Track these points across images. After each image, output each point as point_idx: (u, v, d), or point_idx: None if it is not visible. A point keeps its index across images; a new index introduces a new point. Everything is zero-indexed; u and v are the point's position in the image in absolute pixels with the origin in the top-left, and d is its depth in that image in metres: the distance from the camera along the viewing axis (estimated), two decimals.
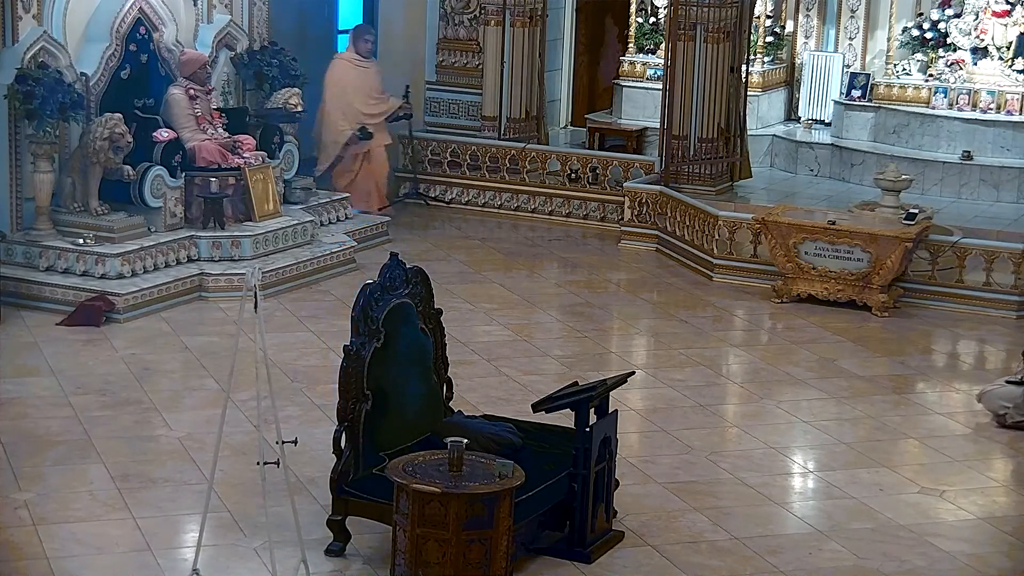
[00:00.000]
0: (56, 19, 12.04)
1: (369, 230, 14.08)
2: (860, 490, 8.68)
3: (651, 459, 8.99)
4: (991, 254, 12.50)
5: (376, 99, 14.82)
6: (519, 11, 15.71)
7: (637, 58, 17.30)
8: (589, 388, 7.69)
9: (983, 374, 11.08)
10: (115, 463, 8.57)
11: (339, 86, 14.58)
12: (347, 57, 14.80)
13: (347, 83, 14.61)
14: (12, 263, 11.71)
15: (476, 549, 6.83)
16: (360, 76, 14.68)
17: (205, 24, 13.42)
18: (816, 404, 10.20)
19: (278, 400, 8.45)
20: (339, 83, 14.60)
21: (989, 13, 16.41)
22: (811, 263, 12.49)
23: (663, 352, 11.27)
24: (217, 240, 12.29)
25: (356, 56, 14.72)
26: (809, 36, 17.45)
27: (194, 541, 7.19)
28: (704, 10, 14.44)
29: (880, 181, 13.39)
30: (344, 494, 7.41)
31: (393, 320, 7.63)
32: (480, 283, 12.93)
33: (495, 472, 6.98)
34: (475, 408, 9.21)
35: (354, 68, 14.69)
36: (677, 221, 13.91)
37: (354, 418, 7.44)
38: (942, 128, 16.05)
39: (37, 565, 7.29)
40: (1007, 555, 7.97)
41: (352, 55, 14.75)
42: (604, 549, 7.65)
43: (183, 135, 12.49)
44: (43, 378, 10.04)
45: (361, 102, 14.67)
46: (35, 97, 11.52)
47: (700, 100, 14.62)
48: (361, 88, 14.68)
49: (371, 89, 14.78)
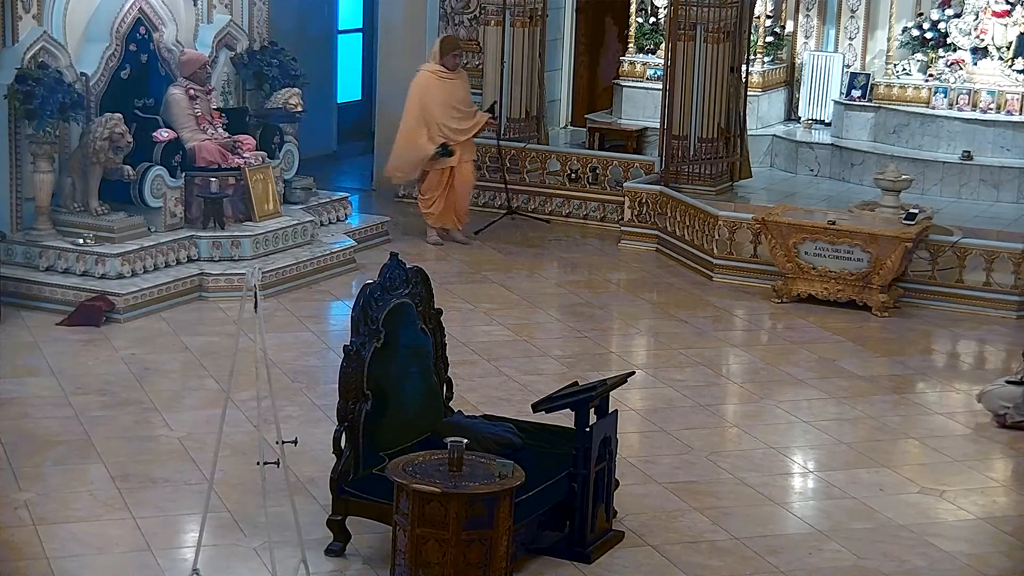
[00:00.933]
0: (56, 19, 12.04)
1: (369, 230, 14.09)
2: (860, 490, 8.68)
3: (651, 459, 8.99)
4: (991, 254, 12.50)
5: (463, 113, 14.00)
6: (519, 11, 15.71)
7: (637, 58, 17.31)
8: (589, 388, 7.69)
9: (983, 374, 11.08)
10: (115, 463, 8.57)
11: (422, 100, 13.81)
12: (431, 69, 13.91)
13: (431, 97, 13.80)
14: (12, 263, 11.71)
15: (476, 549, 6.83)
16: (445, 89, 13.86)
17: (205, 24, 13.42)
18: (816, 404, 10.20)
19: (278, 400, 8.46)
20: (422, 97, 13.82)
21: (989, 13, 16.42)
22: (811, 263, 12.49)
23: (663, 352, 11.27)
24: (217, 240, 12.29)
25: (441, 68, 13.85)
26: (809, 36, 17.45)
27: (194, 541, 7.19)
28: (704, 10, 14.44)
29: (880, 181, 13.39)
30: (344, 494, 7.41)
31: (393, 320, 7.63)
32: (480, 283, 12.93)
33: (495, 472, 6.98)
34: (475, 408, 9.21)
35: (439, 81, 13.85)
36: (677, 221, 13.91)
37: (354, 418, 7.44)
38: (942, 128, 16.05)
39: (37, 565, 7.29)
40: (1007, 555, 7.97)
41: (437, 67, 13.88)
42: (604, 549, 7.65)
43: (183, 135, 12.49)
44: (43, 378, 10.04)
45: (447, 116, 13.84)
46: (35, 97, 11.53)
47: (700, 100, 14.62)
48: (447, 102, 13.85)
49: (459, 103, 13.97)
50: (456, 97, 13.94)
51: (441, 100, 13.83)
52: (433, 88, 13.84)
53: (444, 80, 13.86)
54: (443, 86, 13.85)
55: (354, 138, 18.53)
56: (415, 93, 13.87)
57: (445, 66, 13.85)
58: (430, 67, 13.96)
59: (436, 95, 13.82)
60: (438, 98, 13.81)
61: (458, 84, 14.00)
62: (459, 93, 13.99)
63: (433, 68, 13.92)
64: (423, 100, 13.79)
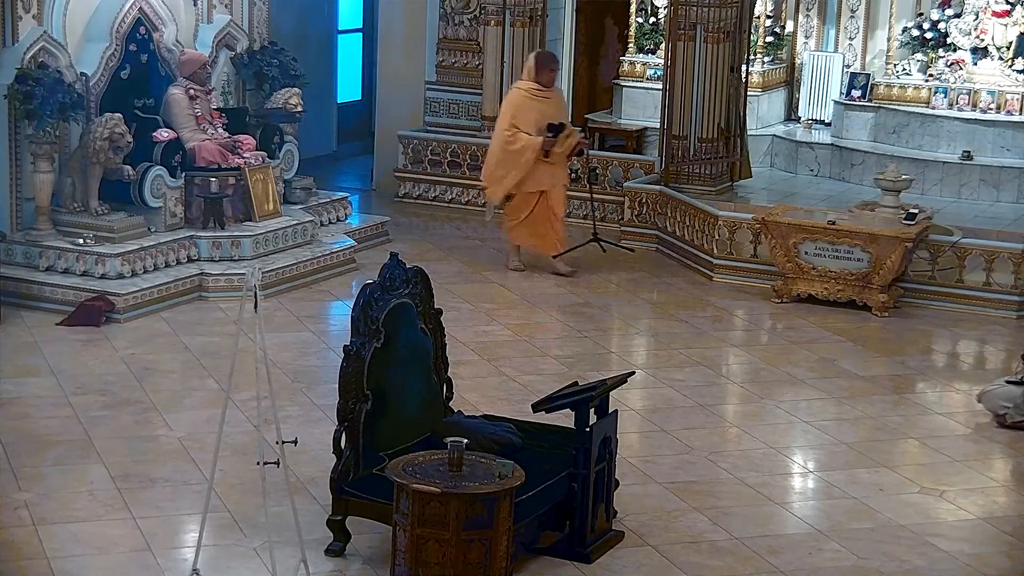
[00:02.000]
0: (56, 19, 12.04)
1: (369, 230, 14.09)
2: (860, 490, 8.68)
3: (651, 459, 8.99)
4: (991, 254, 12.50)
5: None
6: (519, 11, 15.71)
7: (637, 58, 17.30)
8: (589, 388, 7.70)
9: (983, 374, 11.08)
10: (115, 463, 8.57)
11: (514, 120, 12.90)
12: (525, 87, 13.01)
13: (524, 116, 12.89)
14: (12, 263, 11.71)
15: (476, 549, 6.83)
16: (539, 108, 12.92)
17: (205, 24, 13.42)
18: (816, 404, 10.20)
19: (278, 400, 8.46)
20: (514, 116, 12.91)
21: (989, 13, 16.41)
22: (811, 263, 12.49)
23: (663, 352, 11.27)
24: (217, 240, 12.29)
25: (536, 86, 12.95)
26: (809, 36, 17.45)
27: (194, 541, 7.19)
28: (704, 10, 14.43)
29: (880, 181, 13.39)
30: (344, 494, 7.41)
31: (393, 320, 7.63)
32: (480, 283, 12.93)
33: (495, 472, 6.98)
34: (475, 408, 9.20)
35: (532, 99, 12.94)
36: (677, 221, 13.91)
37: (354, 418, 7.44)
38: (942, 128, 16.05)
39: (37, 565, 7.29)
40: (1007, 555, 7.97)
41: (532, 84, 12.96)
42: (604, 549, 7.65)
43: (183, 135, 12.49)
44: (43, 378, 10.04)
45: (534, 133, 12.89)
46: (35, 97, 11.53)
47: (700, 100, 14.61)
48: (541, 121, 12.89)
49: (549, 120, 13.00)
50: (550, 116, 13.01)
51: (535, 120, 12.93)
52: (527, 107, 12.96)
53: (538, 99, 12.98)
54: (537, 105, 12.96)
55: (354, 138, 18.53)
56: (507, 113, 13.01)
57: (540, 83, 12.96)
58: (524, 84, 13.08)
59: (530, 115, 12.93)
60: (532, 117, 12.93)
61: (553, 103, 13.12)
62: (553, 112, 13.08)
63: (527, 86, 13.02)
64: (516, 120, 12.91)
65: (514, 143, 12.88)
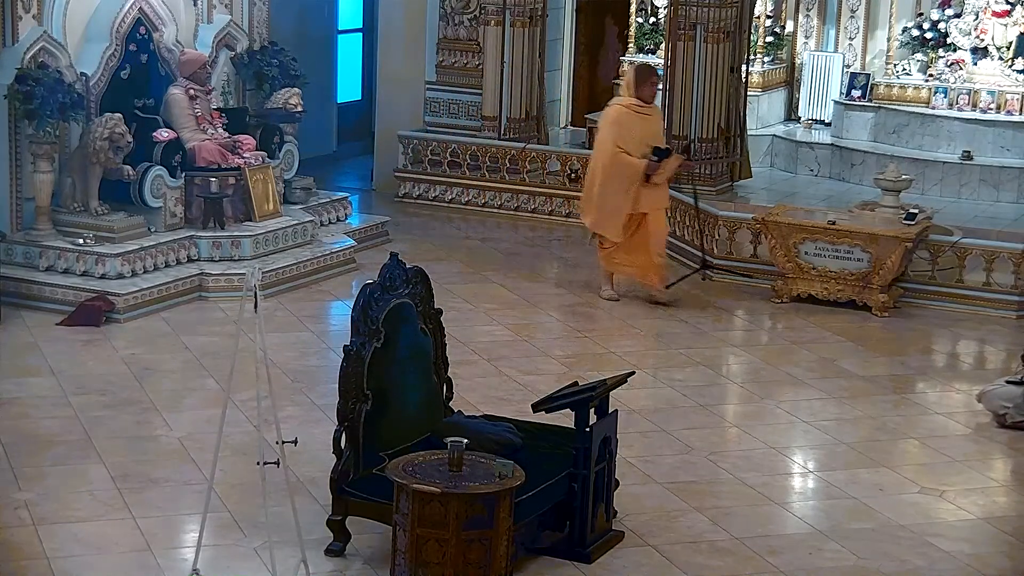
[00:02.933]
0: (56, 19, 12.04)
1: (369, 230, 14.09)
2: (860, 490, 8.68)
3: (651, 459, 8.99)
4: (991, 254, 12.51)
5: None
6: (519, 11, 15.72)
7: (637, 58, 17.30)
8: (589, 388, 7.69)
9: (983, 374, 11.08)
10: (115, 463, 8.57)
11: (618, 139, 11.96)
12: (626, 103, 12.06)
13: (627, 134, 11.95)
14: (12, 263, 11.71)
15: (476, 549, 6.83)
16: (641, 125, 12.05)
17: (205, 24, 13.42)
18: (816, 404, 10.20)
19: (278, 400, 8.45)
20: (619, 134, 11.97)
21: (989, 13, 16.43)
22: (811, 263, 12.48)
23: (663, 352, 11.27)
24: (217, 240, 12.30)
25: (636, 101, 12.01)
26: (809, 36, 17.46)
27: (194, 541, 7.19)
28: (704, 10, 14.44)
29: (880, 181, 13.39)
30: (344, 494, 7.41)
31: (393, 320, 7.63)
32: (480, 283, 12.93)
33: (495, 472, 6.98)
34: (475, 408, 9.20)
35: (635, 115, 12.02)
36: (677, 221, 13.91)
37: (354, 418, 7.43)
38: (942, 128, 16.06)
39: (37, 565, 7.29)
40: (1007, 555, 7.97)
41: (632, 100, 12.02)
42: (604, 549, 7.65)
43: (183, 135, 12.49)
44: (43, 378, 10.04)
45: (637, 152, 11.98)
46: (35, 97, 11.53)
47: (700, 100, 14.62)
48: (644, 140, 12.02)
49: (653, 139, 12.18)
50: (651, 133, 12.21)
51: (639, 137, 12.01)
52: (629, 124, 12.02)
53: (640, 115, 12.07)
54: (639, 122, 12.06)
55: (354, 138, 18.53)
56: (609, 131, 12.06)
57: (642, 98, 12.03)
58: (624, 100, 12.14)
59: (633, 132, 12.00)
60: (635, 135, 12.00)
61: (654, 119, 12.33)
62: (655, 128, 12.33)
63: (628, 102, 12.07)
64: (620, 138, 11.96)
65: (619, 165, 11.95)
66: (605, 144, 12.06)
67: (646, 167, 11.93)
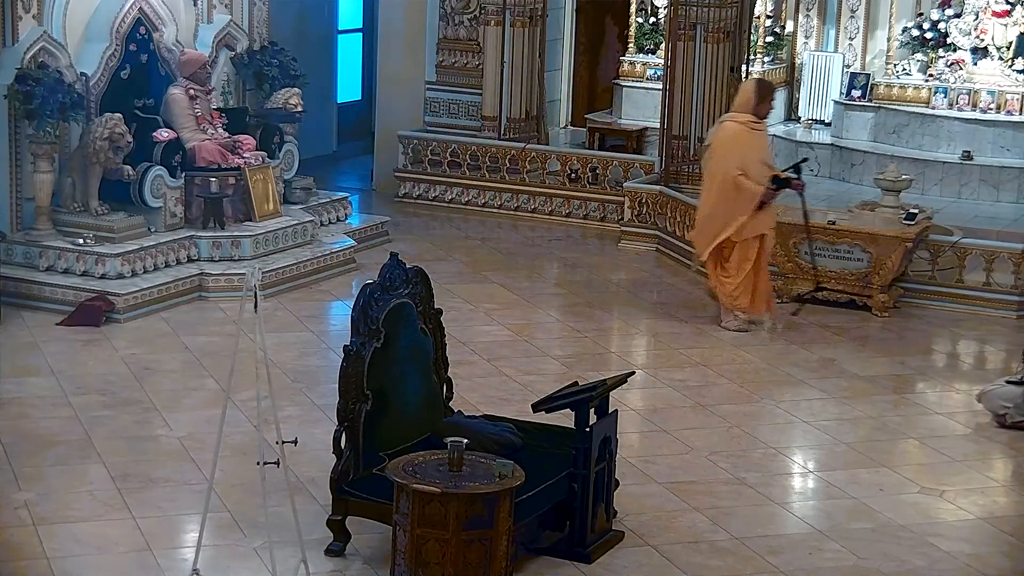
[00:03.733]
0: (56, 19, 12.04)
1: (369, 230, 14.09)
2: (860, 490, 8.68)
3: (651, 459, 8.99)
4: (991, 254, 12.51)
5: (769, 168, 11.64)
6: (519, 11, 15.72)
7: (637, 58, 17.32)
8: (589, 388, 7.69)
9: (983, 374, 11.08)
10: (115, 463, 8.57)
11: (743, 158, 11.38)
12: (743, 119, 11.45)
13: (748, 152, 11.41)
14: (12, 263, 11.71)
15: (476, 549, 6.83)
16: (756, 143, 11.52)
17: (205, 24, 13.42)
18: (816, 404, 10.20)
19: (278, 400, 8.45)
20: (743, 154, 11.39)
21: (989, 13, 16.43)
22: (811, 263, 12.47)
23: (663, 352, 11.27)
24: (217, 240, 12.29)
25: (752, 118, 11.44)
26: (809, 36, 17.46)
27: (194, 541, 7.19)
28: (704, 10, 14.43)
29: (880, 181, 13.39)
30: (344, 494, 7.41)
31: (393, 320, 7.63)
32: (480, 283, 12.93)
33: (495, 472, 6.98)
34: (475, 408, 9.20)
35: (751, 132, 11.45)
36: (677, 221, 13.91)
37: (354, 418, 7.43)
38: (942, 128, 16.06)
39: (37, 565, 7.29)
40: (1007, 555, 7.97)
41: (749, 117, 11.44)
42: (604, 549, 7.65)
43: (183, 135, 12.49)
44: (43, 378, 10.04)
45: (761, 175, 11.41)
46: (35, 97, 11.53)
47: (700, 100, 14.61)
48: (761, 158, 11.52)
49: (764, 157, 11.66)
50: (765, 150, 11.73)
51: (758, 157, 11.50)
52: (747, 143, 11.43)
53: (755, 132, 11.52)
54: (755, 139, 11.53)
55: (354, 138, 18.54)
56: (731, 149, 11.40)
57: (759, 115, 11.50)
58: (741, 117, 11.50)
59: (753, 153, 11.46)
60: (755, 156, 11.46)
61: (765, 135, 11.81)
62: (762, 146, 11.73)
63: (745, 119, 11.47)
64: (741, 160, 11.34)
65: (738, 190, 11.37)
66: (726, 164, 11.38)
67: (764, 194, 11.40)
